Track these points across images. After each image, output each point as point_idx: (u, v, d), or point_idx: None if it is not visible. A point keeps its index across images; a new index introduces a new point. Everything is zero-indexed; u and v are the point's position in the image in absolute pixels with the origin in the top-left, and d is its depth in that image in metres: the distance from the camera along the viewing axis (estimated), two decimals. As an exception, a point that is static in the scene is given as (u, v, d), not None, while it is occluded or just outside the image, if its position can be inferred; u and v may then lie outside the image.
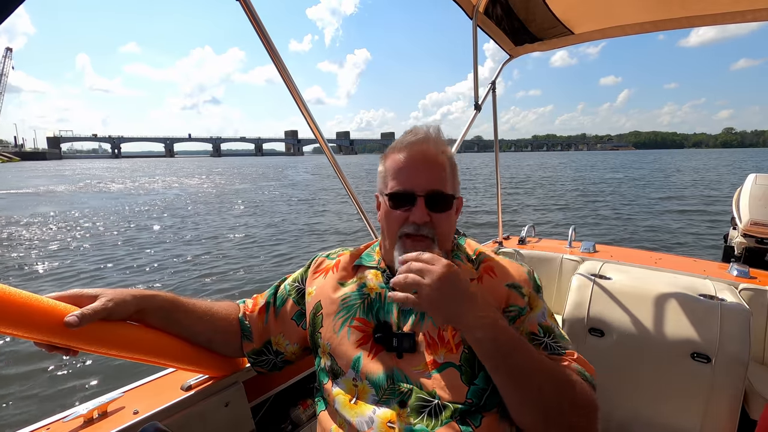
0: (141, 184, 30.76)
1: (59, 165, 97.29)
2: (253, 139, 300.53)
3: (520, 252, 2.36)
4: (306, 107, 1.38)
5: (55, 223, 12.83)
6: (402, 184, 0.85)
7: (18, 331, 0.66)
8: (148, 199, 20.06)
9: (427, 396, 0.80)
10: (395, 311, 0.88)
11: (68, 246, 9.52)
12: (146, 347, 0.87)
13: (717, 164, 50.44)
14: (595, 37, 2.15)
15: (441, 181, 0.86)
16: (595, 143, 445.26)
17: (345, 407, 0.85)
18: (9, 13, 0.51)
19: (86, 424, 0.87)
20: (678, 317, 1.36)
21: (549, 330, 0.87)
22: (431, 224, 0.85)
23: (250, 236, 10.42)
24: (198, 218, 13.57)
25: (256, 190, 25.05)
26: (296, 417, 1.28)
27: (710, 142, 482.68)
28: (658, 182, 25.90)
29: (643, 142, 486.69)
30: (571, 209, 14.82)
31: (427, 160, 0.86)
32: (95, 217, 14.11)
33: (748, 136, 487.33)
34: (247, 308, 1.04)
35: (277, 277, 1.16)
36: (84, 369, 3.95)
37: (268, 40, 1.21)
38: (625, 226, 11.31)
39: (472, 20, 1.99)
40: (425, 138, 0.87)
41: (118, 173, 50.51)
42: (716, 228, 10.54)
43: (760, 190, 4.87)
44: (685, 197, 17.34)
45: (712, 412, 1.28)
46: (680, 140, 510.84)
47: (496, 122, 2.60)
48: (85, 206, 17.17)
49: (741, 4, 1.68)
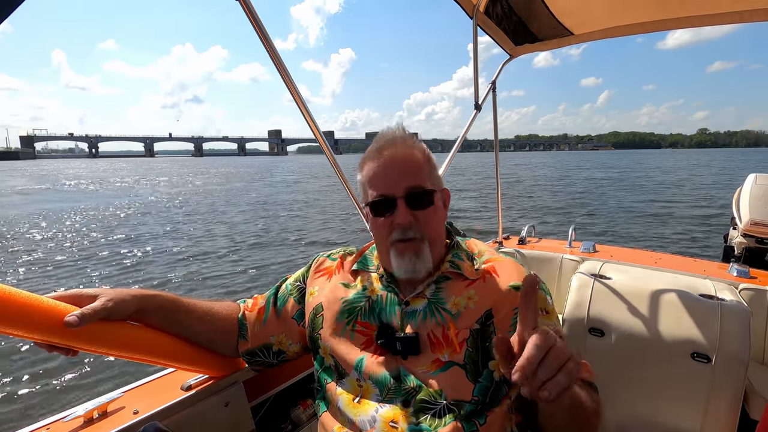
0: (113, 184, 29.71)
1: (32, 165, 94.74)
2: (236, 138, 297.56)
3: (520, 252, 2.36)
4: (306, 108, 1.38)
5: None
6: (380, 190, 0.85)
7: (18, 331, 0.66)
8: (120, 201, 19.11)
9: (434, 395, 0.80)
10: (398, 312, 0.87)
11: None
12: (146, 347, 0.87)
13: (689, 165, 51.56)
14: (596, 37, 2.15)
15: (417, 177, 0.85)
16: (576, 143, 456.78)
17: (348, 406, 0.84)
18: (9, 13, 0.51)
19: (86, 424, 0.87)
20: (678, 317, 1.36)
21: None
22: (417, 224, 0.85)
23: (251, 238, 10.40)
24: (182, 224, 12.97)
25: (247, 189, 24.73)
26: (296, 417, 1.28)
27: (686, 143, 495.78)
28: (648, 183, 25.91)
29: (622, 143, 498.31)
30: (557, 208, 14.85)
31: (399, 161, 0.85)
32: (47, 220, 13.45)
33: (721, 137, 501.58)
34: (247, 308, 1.04)
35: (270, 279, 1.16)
36: (84, 369, 3.95)
37: (268, 40, 1.21)
38: (623, 226, 11.32)
39: (473, 20, 1.99)
40: (392, 140, 0.87)
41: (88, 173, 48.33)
42: (712, 226, 10.55)
43: (760, 190, 4.86)
44: (676, 199, 17.35)
45: (712, 412, 1.28)
46: (657, 140, 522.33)
47: (496, 122, 2.59)
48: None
49: (741, 4, 1.68)
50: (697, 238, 9.78)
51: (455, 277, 0.90)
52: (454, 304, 0.86)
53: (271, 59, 1.24)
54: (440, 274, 0.90)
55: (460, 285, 0.88)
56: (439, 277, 0.90)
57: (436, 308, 0.86)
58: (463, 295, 0.87)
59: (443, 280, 0.90)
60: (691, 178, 29.56)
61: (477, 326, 0.83)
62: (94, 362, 4.01)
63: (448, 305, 0.86)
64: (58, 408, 3.32)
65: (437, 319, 0.84)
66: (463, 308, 0.85)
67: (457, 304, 0.86)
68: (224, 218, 13.87)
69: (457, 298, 0.86)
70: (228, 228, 11.91)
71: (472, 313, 0.84)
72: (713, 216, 12.51)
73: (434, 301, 0.87)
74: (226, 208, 16.63)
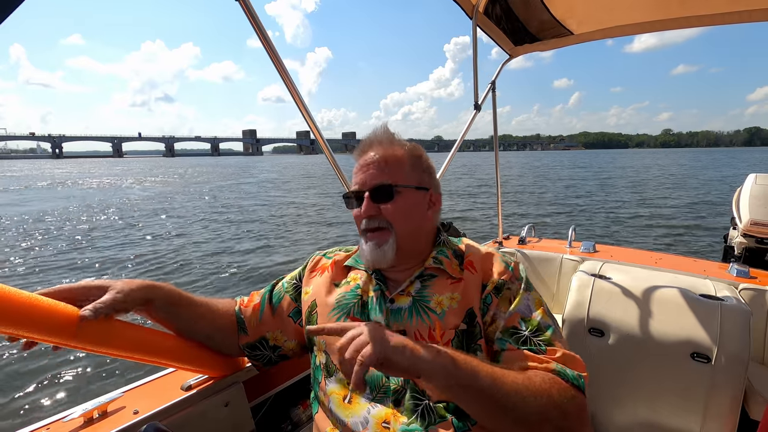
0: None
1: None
2: (209, 138, 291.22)
3: (520, 252, 2.36)
4: (306, 108, 1.38)
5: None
6: (352, 186, 0.93)
7: (18, 331, 0.66)
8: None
9: (422, 392, 0.80)
10: (384, 310, 0.88)
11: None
12: (146, 347, 0.87)
13: (651, 164, 52.49)
14: (595, 37, 2.15)
15: (386, 174, 0.89)
16: (549, 143, 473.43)
17: (339, 407, 0.85)
18: (9, 13, 0.51)
19: (86, 424, 0.87)
20: (678, 317, 1.36)
21: (532, 324, 0.83)
22: (382, 214, 0.89)
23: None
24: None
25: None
26: (296, 417, 1.28)
27: (651, 143, 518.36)
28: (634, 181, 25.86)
29: (592, 143, 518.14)
30: (551, 208, 14.85)
31: (371, 160, 0.91)
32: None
33: (684, 137, 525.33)
34: (243, 303, 1.05)
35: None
36: (84, 369, 3.95)
37: (268, 41, 1.21)
38: (621, 225, 11.34)
39: (472, 20, 2.00)
40: (371, 140, 0.94)
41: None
42: (709, 229, 10.55)
43: (760, 190, 4.86)
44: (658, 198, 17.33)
45: (712, 412, 1.28)
46: (625, 141, 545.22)
47: (495, 122, 2.60)
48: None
49: (741, 4, 1.68)
50: (697, 237, 9.80)
51: (440, 274, 0.91)
52: (438, 303, 0.87)
53: (271, 59, 1.24)
54: (423, 269, 0.91)
55: (444, 283, 0.89)
56: (425, 275, 0.91)
57: (420, 307, 0.87)
58: (445, 294, 0.87)
59: (429, 278, 0.91)
60: (685, 177, 29.53)
61: (463, 326, 0.84)
62: (94, 362, 4.01)
63: (431, 304, 0.87)
64: (59, 408, 3.33)
65: (423, 319, 0.85)
66: (446, 308, 0.86)
67: (440, 303, 0.86)
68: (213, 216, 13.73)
69: (441, 297, 0.87)
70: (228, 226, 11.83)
71: (455, 313, 0.85)
72: (706, 217, 12.50)
73: (419, 299, 0.88)
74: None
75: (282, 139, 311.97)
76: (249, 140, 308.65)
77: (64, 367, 3.95)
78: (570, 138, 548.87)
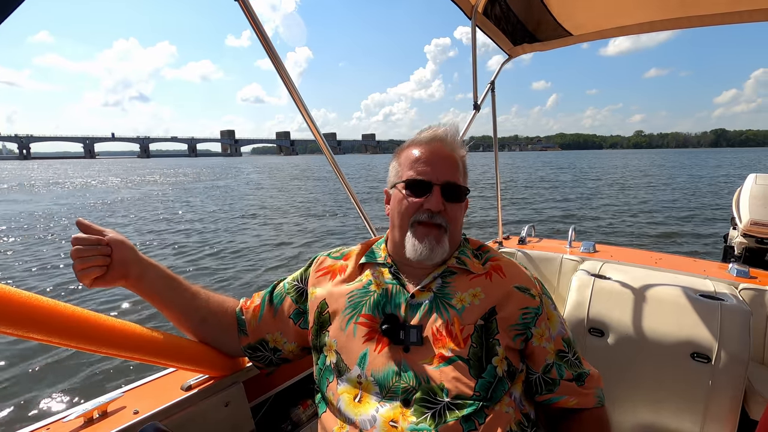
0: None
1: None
2: (186, 139, 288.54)
3: (521, 252, 2.36)
4: (306, 109, 1.38)
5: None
6: (420, 174, 0.90)
7: (18, 330, 0.66)
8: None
9: (435, 390, 0.80)
10: (403, 305, 0.89)
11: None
12: (146, 347, 0.87)
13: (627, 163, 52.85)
14: (595, 38, 2.15)
15: (455, 174, 0.91)
16: (527, 144, 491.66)
17: (348, 406, 0.85)
18: (9, 13, 0.51)
19: (86, 424, 0.87)
20: (678, 317, 1.36)
21: (571, 344, 0.93)
22: (445, 214, 0.89)
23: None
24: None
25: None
26: (296, 417, 1.28)
27: (624, 144, 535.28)
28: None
29: (568, 143, 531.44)
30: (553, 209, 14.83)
31: (444, 154, 0.91)
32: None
33: (655, 139, 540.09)
34: (245, 304, 1.05)
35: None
36: (84, 369, 3.95)
37: (267, 41, 1.21)
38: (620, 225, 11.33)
39: (471, 20, 2.00)
40: (443, 135, 0.94)
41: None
42: (708, 231, 10.54)
43: (760, 190, 4.86)
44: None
45: (712, 412, 1.28)
46: (599, 142, 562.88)
47: (495, 122, 2.60)
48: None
49: (740, 4, 1.68)
50: (697, 235, 9.79)
51: (461, 272, 0.93)
52: (460, 299, 0.88)
53: (270, 60, 1.24)
54: (447, 268, 0.93)
55: (465, 280, 0.91)
56: (446, 272, 0.92)
57: (441, 303, 0.88)
58: (468, 291, 0.89)
59: (449, 274, 0.92)
60: (673, 177, 29.49)
61: (481, 322, 0.85)
62: (95, 362, 4.00)
63: (453, 300, 0.88)
64: (59, 408, 3.33)
65: (442, 314, 0.86)
66: (468, 304, 0.87)
67: (462, 299, 0.88)
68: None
69: (463, 294, 0.89)
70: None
71: (476, 309, 0.87)
72: (695, 216, 12.45)
73: (440, 296, 0.89)
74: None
75: (261, 139, 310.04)
76: (228, 141, 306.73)
77: (64, 367, 3.95)
78: (547, 139, 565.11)
